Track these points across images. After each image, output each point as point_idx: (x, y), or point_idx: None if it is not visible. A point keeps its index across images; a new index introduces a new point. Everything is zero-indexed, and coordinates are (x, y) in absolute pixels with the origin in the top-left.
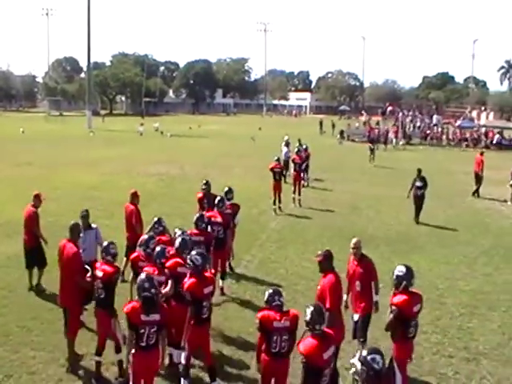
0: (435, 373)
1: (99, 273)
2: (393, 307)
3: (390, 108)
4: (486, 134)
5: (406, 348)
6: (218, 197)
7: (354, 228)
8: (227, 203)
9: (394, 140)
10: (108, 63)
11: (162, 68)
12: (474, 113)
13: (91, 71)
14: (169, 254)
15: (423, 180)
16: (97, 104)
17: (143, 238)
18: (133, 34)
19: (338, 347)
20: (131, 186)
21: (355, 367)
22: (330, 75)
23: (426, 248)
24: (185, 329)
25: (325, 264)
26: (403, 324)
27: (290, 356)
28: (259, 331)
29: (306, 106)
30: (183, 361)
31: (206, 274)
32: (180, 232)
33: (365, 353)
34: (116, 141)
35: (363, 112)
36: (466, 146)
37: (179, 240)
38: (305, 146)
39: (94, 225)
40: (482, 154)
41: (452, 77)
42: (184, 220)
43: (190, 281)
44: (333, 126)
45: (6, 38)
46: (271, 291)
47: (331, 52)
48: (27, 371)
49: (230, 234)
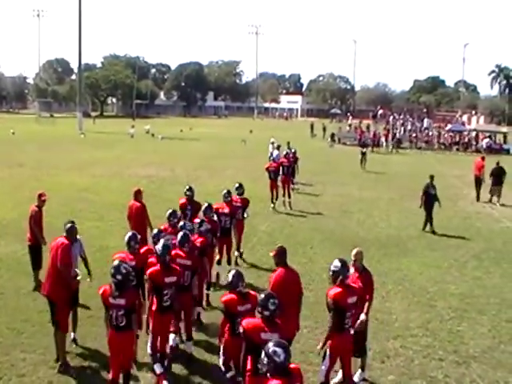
0: (425, 376)
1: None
2: (330, 300)
3: (381, 111)
4: (477, 138)
5: (342, 338)
6: (206, 203)
7: (345, 231)
8: (237, 197)
9: (385, 143)
10: (99, 65)
11: (154, 70)
12: (465, 117)
13: (82, 73)
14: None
15: (435, 187)
16: (88, 106)
17: (154, 233)
18: (124, 36)
19: (291, 340)
20: (122, 188)
21: None
22: (322, 78)
23: (417, 251)
24: (148, 316)
25: (277, 259)
26: (339, 315)
27: None
28: (224, 315)
29: (297, 109)
30: (149, 350)
31: (173, 265)
32: (182, 223)
33: (270, 344)
34: (107, 143)
35: (349, 114)
36: (457, 150)
37: (181, 234)
38: (293, 150)
39: (79, 236)
40: (484, 159)
41: (443, 81)
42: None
43: (153, 268)
44: (324, 130)
45: None
46: (235, 273)
47: (322, 55)
48: (17, 373)
49: (240, 226)
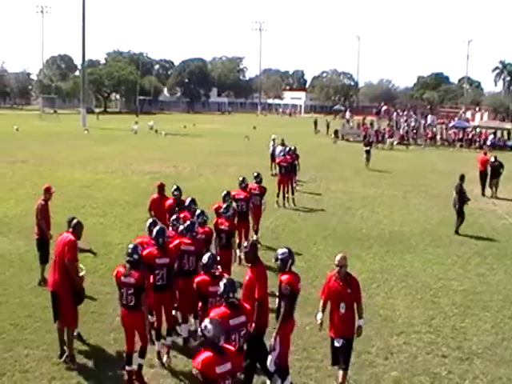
0: (429, 372)
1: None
2: (285, 286)
3: (385, 108)
4: (481, 135)
5: (290, 325)
6: (198, 211)
7: (348, 227)
8: (255, 185)
9: (389, 140)
10: (103, 61)
11: (157, 66)
12: (469, 113)
13: (86, 69)
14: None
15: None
16: (91, 102)
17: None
18: (128, 32)
19: (263, 332)
20: (125, 185)
21: None
22: (325, 75)
23: (420, 248)
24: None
25: (251, 254)
26: (290, 301)
27: None
28: (197, 296)
29: (301, 106)
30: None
31: (167, 248)
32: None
33: (205, 320)
34: (110, 139)
35: (347, 111)
36: (461, 147)
37: (187, 223)
38: (292, 147)
39: None
40: (486, 154)
41: (446, 77)
42: None
43: (149, 250)
44: (327, 126)
45: (1, 36)
46: (210, 255)
47: (326, 51)
48: (20, 369)
49: (257, 211)
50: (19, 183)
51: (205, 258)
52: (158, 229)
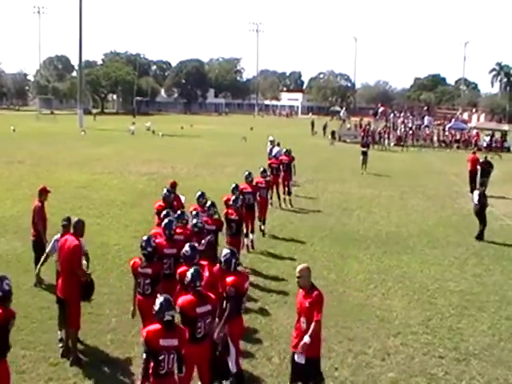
0: (425, 373)
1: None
2: (230, 288)
3: (382, 109)
4: (469, 137)
5: (238, 323)
6: (209, 202)
7: (345, 228)
8: (262, 179)
9: (387, 141)
10: (100, 62)
11: (154, 67)
12: (466, 115)
13: (83, 70)
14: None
15: None
16: (88, 103)
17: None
18: (125, 33)
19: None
20: (122, 185)
21: None
22: (322, 76)
23: (417, 249)
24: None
25: (207, 252)
26: (236, 302)
27: None
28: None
29: (298, 107)
30: None
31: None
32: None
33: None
34: (107, 140)
35: (342, 111)
36: (457, 148)
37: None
38: (287, 150)
39: None
40: (475, 154)
41: (443, 78)
42: None
43: (158, 240)
44: (324, 128)
45: None
46: (193, 271)
47: (323, 53)
48: (17, 370)
49: (263, 203)
50: (16, 184)
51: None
52: (166, 221)
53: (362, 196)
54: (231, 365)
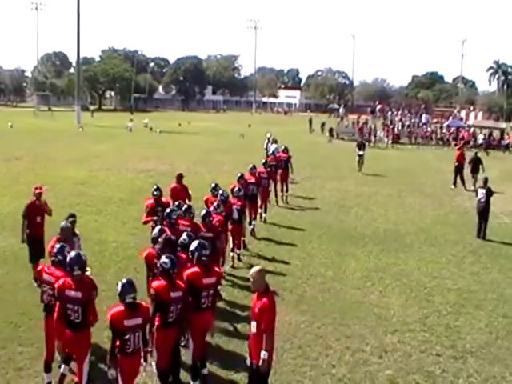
0: (423, 371)
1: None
2: (186, 280)
3: (380, 107)
4: (457, 135)
5: (200, 318)
6: (221, 190)
7: (343, 226)
8: (263, 170)
9: (386, 139)
10: (98, 58)
11: (152, 64)
12: (463, 112)
13: (81, 66)
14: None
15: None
16: (86, 99)
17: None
18: (123, 30)
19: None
20: (120, 182)
21: None
22: (320, 73)
23: (414, 246)
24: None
25: (162, 250)
26: (195, 295)
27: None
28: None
29: (296, 104)
30: None
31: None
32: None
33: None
34: (105, 136)
35: (341, 108)
36: (455, 146)
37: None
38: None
39: (77, 231)
40: (461, 149)
41: (441, 76)
42: None
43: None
44: (322, 126)
45: None
46: (125, 282)
47: (321, 50)
48: (14, 367)
49: (265, 193)
50: (13, 180)
51: (119, 285)
52: (168, 210)
53: (360, 193)
54: (187, 357)
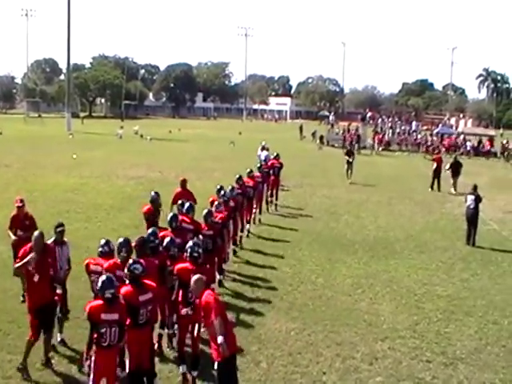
0: (413, 377)
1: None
2: (175, 274)
3: (370, 114)
4: (464, 141)
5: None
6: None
7: (333, 233)
8: (259, 174)
9: (377, 146)
10: (88, 65)
11: (143, 71)
12: (453, 120)
13: (71, 73)
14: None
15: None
16: (76, 106)
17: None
18: (113, 37)
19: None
20: (110, 189)
21: None
22: (310, 80)
23: (404, 253)
24: None
25: (138, 250)
26: (183, 288)
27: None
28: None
29: (286, 111)
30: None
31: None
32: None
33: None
34: (95, 143)
35: (331, 115)
36: (446, 152)
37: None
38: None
39: (66, 238)
40: (439, 153)
41: (431, 84)
42: (163, 223)
43: (163, 233)
44: (313, 134)
45: None
46: (105, 278)
47: (311, 57)
48: (3, 375)
49: (260, 195)
50: (3, 187)
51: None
52: (172, 215)
53: (350, 201)
54: (174, 344)
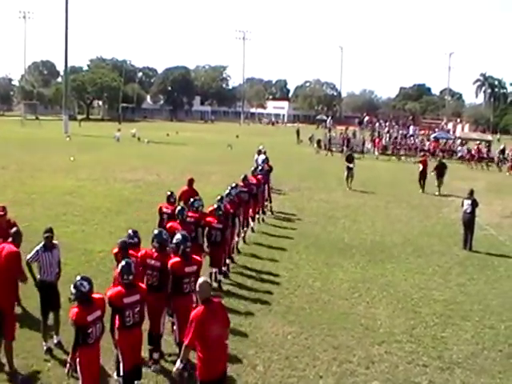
0: (410, 382)
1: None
2: (169, 268)
3: (367, 118)
4: (461, 145)
5: (183, 301)
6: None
7: (331, 237)
8: (260, 176)
9: (375, 150)
10: (85, 68)
11: (140, 74)
12: (450, 124)
13: (68, 75)
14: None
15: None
16: (74, 109)
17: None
18: (111, 39)
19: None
20: (107, 192)
21: None
22: (308, 84)
23: (401, 258)
24: None
25: (120, 255)
26: (178, 281)
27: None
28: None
29: (284, 115)
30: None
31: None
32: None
33: (78, 277)
34: (92, 146)
35: (328, 119)
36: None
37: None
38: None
39: (56, 241)
40: (425, 156)
41: (428, 88)
42: None
43: (170, 224)
44: (310, 138)
45: None
46: (124, 264)
47: (309, 61)
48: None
49: (262, 195)
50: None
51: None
52: (180, 208)
53: (348, 205)
54: (162, 326)
